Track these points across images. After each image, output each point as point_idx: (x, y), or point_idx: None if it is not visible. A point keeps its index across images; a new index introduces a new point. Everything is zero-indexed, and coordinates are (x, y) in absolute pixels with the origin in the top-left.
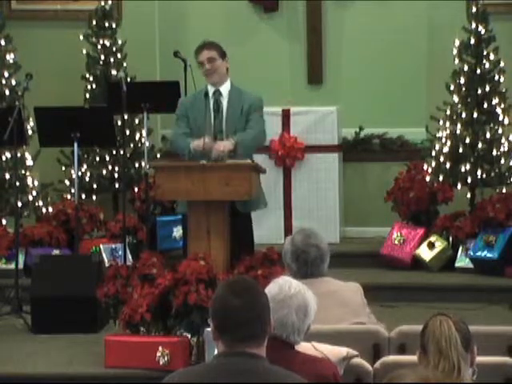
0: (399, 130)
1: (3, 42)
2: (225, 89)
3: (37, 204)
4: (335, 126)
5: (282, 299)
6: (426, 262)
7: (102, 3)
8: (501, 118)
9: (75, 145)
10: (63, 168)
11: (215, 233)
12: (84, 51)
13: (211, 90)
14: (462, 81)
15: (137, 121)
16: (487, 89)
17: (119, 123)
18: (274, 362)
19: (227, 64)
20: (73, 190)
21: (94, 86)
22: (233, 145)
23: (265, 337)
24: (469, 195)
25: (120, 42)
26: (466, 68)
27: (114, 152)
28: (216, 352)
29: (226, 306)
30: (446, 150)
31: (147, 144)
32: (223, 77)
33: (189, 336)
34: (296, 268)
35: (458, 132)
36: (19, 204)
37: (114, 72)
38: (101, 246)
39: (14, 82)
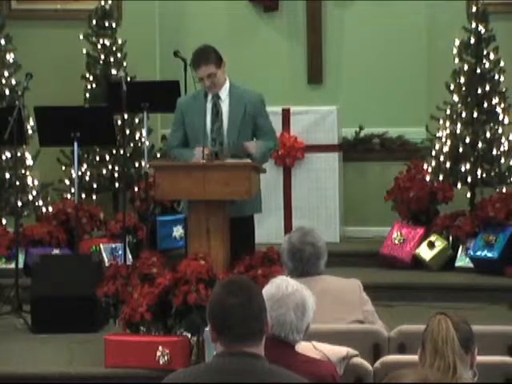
0: (399, 130)
1: (3, 42)
2: (224, 91)
3: (37, 204)
4: (335, 125)
5: (279, 298)
6: (426, 261)
7: (102, 3)
8: (501, 118)
9: (75, 144)
10: (63, 167)
11: (215, 232)
12: (84, 51)
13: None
14: (462, 80)
15: (137, 120)
16: (487, 88)
17: (119, 123)
18: (273, 361)
19: (225, 69)
20: (73, 190)
21: (93, 86)
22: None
23: (262, 336)
24: (469, 195)
25: (120, 41)
26: (466, 67)
27: (114, 151)
28: (215, 352)
29: (223, 306)
30: (446, 149)
31: (147, 143)
32: (223, 83)
33: (189, 336)
34: (292, 266)
35: (458, 131)
36: (19, 203)
37: (113, 71)
38: (101, 246)
39: (13, 82)
